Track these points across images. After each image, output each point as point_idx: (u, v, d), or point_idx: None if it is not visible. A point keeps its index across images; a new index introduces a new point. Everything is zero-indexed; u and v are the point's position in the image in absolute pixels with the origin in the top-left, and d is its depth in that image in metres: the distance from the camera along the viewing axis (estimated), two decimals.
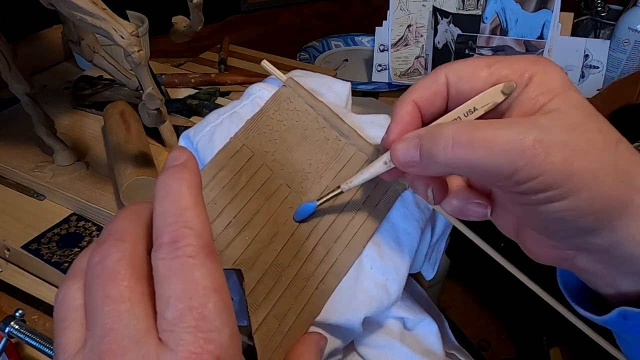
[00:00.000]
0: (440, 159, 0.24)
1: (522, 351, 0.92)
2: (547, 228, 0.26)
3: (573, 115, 0.23)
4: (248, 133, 0.34)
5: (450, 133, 0.24)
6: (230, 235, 0.30)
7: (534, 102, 0.24)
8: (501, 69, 0.25)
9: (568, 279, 0.30)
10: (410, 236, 0.35)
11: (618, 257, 0.25)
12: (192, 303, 0.19)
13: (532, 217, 0.26)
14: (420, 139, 0.26)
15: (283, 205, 0.33)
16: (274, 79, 0.36)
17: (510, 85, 0.25)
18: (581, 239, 0.25)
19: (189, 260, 0.20)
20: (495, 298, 0.97)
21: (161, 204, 0.21)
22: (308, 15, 1.07)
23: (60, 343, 0.20)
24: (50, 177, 0.52)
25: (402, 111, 0.27)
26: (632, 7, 0.81)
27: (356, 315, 0.32)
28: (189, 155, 0.23)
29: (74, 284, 0.21)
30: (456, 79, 0.26)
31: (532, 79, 0.25)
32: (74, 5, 0.40)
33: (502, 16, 0.80)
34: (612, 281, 0.26)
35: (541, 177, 0.23)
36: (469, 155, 0.23)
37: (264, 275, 0.30)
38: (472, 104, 0.26)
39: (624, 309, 0.25)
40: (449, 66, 0.27)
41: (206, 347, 0.19)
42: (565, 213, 0.24)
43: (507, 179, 0.23)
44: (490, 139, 0.23)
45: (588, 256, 0.26)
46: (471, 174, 0.27)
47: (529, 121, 0.23)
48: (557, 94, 0.24)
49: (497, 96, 0.25)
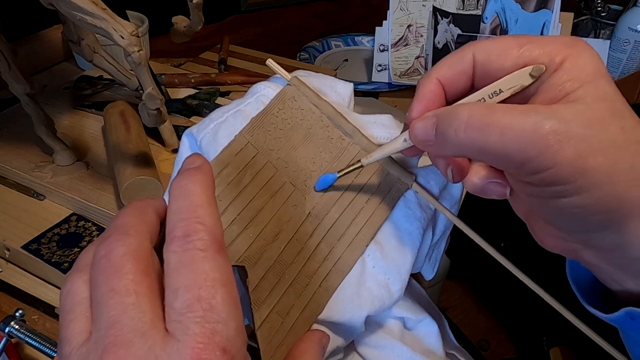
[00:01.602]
0: (452, 140, 0.24)
1: (522, 351, 0.92)
2: (554, 220, 0.26)
3: (597, 108, 0.22)
4: (253, 131, 0.34)
5: (464, 115, 0.24)
6: (235, 232, 0.30)
7: (560, 89, 0.23)
8: (532, 50, 0.24)
9: (578, 271, 0.29)
10: (412, 236, 0.35)
11: (624, 258, 0.24)
12: (201, 293, 0.19)
13: (540, 207, 0.25)
14: (437, 117, 0.25)
15: (287, 203, 0.33)
16: (278, 78, 0.37)
17: (540, 68, 0.24)
18: (588, 235, 0.25)
19: (200, 253, 0.20)
20: (495, 298, 0.97)
21: (175, 201, 0.22)
22: (308, 15, 1.07)
23: (66, 335, 0.20)
24: (50, 177, 0.52)
25: (425, 89, 0.27)
26: (632, 7, 0.81)
27: (358, 314, 0.32)
28: (204, 161, 0.24)
29: (79, 277, 0.21)
30: (484, 58, 0.26)
31: (563, 63, 0.24)
32: (74, 5, 0.40)
33: (502, 16, 0.80)
34: (618, 278, 0.26)
35: (552, 170, 0.22)
36: (481, 139, 0.23)
37: (267, 272, 0.30)
38: (498, 85, 0.25)
39: (631, 310, 0.24)
40: (477, 44, 0.26)
41: (213, 339, 0.19)
42: (573, 209, 0.23)
43: (518, 168, 0.23)
44: (504, 125, 0.22)
45: (594, 252, 0.26)
46: (482, 158, 0.26)
47: (549, 110, 0.22)
48: (585, 82, 0.23)
49: (525, 79, 0.24)
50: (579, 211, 0.23)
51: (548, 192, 0.23)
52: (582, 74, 0.23)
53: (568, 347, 0.82)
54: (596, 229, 0.24)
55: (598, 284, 0.28)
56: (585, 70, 0.23)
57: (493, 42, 0.25)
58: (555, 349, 0.82)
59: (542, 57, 0.24)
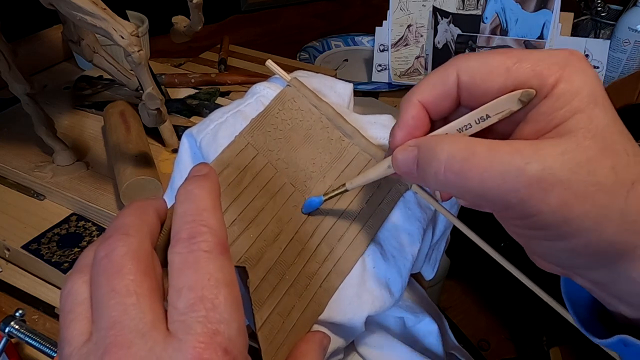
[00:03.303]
0: (432, 180, 0.23)
1: (522, 351, 0.91)
2: (543, 256, 0.25)
3: (587, 146, 0.20)
4: (253, 132, 0.34)
5: (443, 156, 0.22)
6: (235, 233, 0.30)
7: (550, 119, 0.22)
8: (522, 72, 0.22)
9: (573, 289, 0.28)
10: (412, 236, 0.35)
11: (617, 290, 0.24)
12: (205, 293, 0.19)
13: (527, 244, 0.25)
14: (418, 149, 0.24)
15: (287, 203, 0.33)
16: (278, 79, 0.37)
17: (529, 94, 0.22)
18: (579, 271, 0.24)
19: (204, 255, 0.20)
20: (495, 298, 0.97)
21: (181, 205, 0.22)
22: (308, 15, 1.07)
23: (66, 336, 0.20)
24: (50, 177, 0.52)
25: (407, 115, 0.25)
26: (632, 7, 0.81)
27: (359, 314, 0.32)
28: (210, 169, 0.25)
29: (80, 277, 0.21)
30: (469, 80, 0.24)
31: (555, 87, 0.21)
32: (74, 5, 0.40)
33: (502, 16, 0.80)
34: (611, 303, 0.25)
35: (535, 218, 0.21)
36: (460, 183, 0.22)
37: (268, 272, 0.30)
38: (485, 111, 0.24)
39: (624, 337, 0.23)
40: (461, 62, 0.24)
41: (214, 339, 0.19)
42: (560, 251, 0.22)
43: (500, 212, 0.23)
44: (485, 169, 0.21)
45: (587, 282, 0.25)
46: (465, 199, 0.26)
47: (533, 150, 0.21)
48: (578, 111, 0.21)
49: (514, 104, 0.23)
50: (566, 252, 0.22)
51: (533, 234, 0.23)
52: (575, 101, 0.21)
53: (568, 347, 0.82)
54: (587, 267, 0.23)
55: (593, 301, 0.27)
56: (579, 95, 0.21)
57: (479, 62, 0.23)
58: (555, 349, 0.82)
59: (532, 80, 0.22)
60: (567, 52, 0.22)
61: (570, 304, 0.27)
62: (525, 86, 0.22)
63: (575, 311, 0.27)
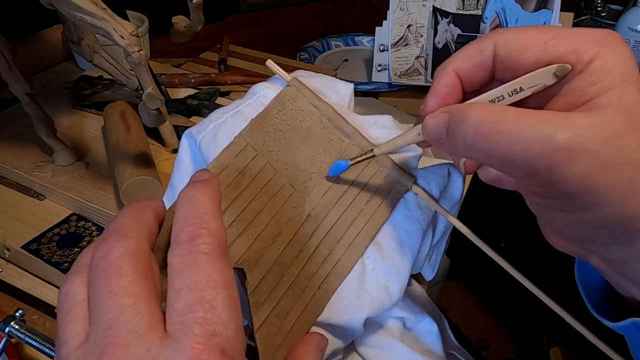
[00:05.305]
0: (461, 143, 0.23)
1: (522, 351, 0.92)
2: (561, 229, 0.25)
3: (617, 120, 0.21)
4: (252, 132, 0.34)
5: (473, 120, 0.23)
6: (234, 234, 0.30)
7: (583, 94, 0.22)
8: (558, 47, 0.22)
9: (586, 273, 0.28)
10: (412, 237, 0.35)
11: (632, 270, 0.24)
12: (203, 294, 0.20)
13: (547, 216, 0.25)
14: (449, 115, 0.24)
15: (286, 204, 0.33)
16: (278, 79, 0.36)
17: (565, 68, 0.22)
18: (595, 246, 0.24)
19: (203, 257, 0.21)
20: (495, 298, 0.97)
21: (182, 208, 0.23)
22: (308, 15, 1.07)
23: (63, 337, 0.20)
24: (50, 177, 0.52)
25: (441, 83, 0.26)
26: (632, 7, 0.81)
27: (358, 316, 0.32)
28: (212, 175, 0.25)
29: (77, 278, 0.21)
30: (505, 52, 0.24)
31: (590, 63, 0.22)
32: (74, 5, 0.40)
33: (502, 16, 0.80)
34: (625, 285, 0.25)
35: (560, 185, 0.21)
36: (488, 147, 0.22)
37: (266, 274, 0.30)
38: (519, 83, 0.24)
39: (636, 320, 0.24)
40: (499, 35, 0.24)
41: (212, 340, 0.19)
42: (580, 223, 0.23)
43: (524, 178, 0.23)
44: (513, 134, 0.21)
45: (602, 260, 0.25)
46: (490, 164, 0.25)
47: (564, 120, 0.21)
48: (611, 87, 0.21)
49: (549, 78, 0.23)
50: (584, 226, 0.23)
51: (555, 204, 0.23)
52: (609, 78, 0.21)
53: (568, 347, 0.82)
54: (604, 242, 0.23)
55: (606, 286, 0.28)
56: (614, 73, 0.21)
57: (516, 35, 0.24)
58: (555, 349, 0.82)
59: (568, 55, 0.22)
60: (605, 31, 0.23)
61: (584, 288, 0.28)
62: (560, 61, 0.22)
63: (587, 295, 0.28)
